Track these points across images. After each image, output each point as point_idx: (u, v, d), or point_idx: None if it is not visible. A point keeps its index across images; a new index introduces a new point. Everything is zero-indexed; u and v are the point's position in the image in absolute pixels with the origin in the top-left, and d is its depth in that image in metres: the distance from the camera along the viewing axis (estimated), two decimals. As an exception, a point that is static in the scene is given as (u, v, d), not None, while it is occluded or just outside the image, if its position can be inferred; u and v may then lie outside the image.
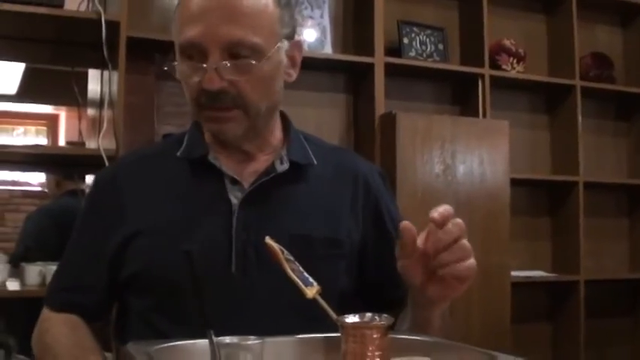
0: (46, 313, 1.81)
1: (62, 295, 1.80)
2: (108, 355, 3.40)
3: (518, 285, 4.53)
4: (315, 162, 1.79)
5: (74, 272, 1.80)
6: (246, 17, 1.60)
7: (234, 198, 1.68)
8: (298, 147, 1.80)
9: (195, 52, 1.61)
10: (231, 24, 1.59)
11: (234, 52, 1.60)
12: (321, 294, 1.30)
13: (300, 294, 1.28)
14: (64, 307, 1.77)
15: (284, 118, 1.86)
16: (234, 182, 1.70)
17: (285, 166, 1.73)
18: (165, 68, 1.69)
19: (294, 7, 1.76)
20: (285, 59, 1.73)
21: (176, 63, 1.66)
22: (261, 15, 1.63)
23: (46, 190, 5.52)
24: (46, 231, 4.25)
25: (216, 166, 1.71)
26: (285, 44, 1.71)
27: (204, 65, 1.59)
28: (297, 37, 1.77)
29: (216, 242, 1.65)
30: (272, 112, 1.76)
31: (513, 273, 4.50)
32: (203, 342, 1.18)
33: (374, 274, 1.83)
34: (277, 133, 1.82)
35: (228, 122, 1.66)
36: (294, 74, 1.78)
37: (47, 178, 5.35)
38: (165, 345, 1.27)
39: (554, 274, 4.98)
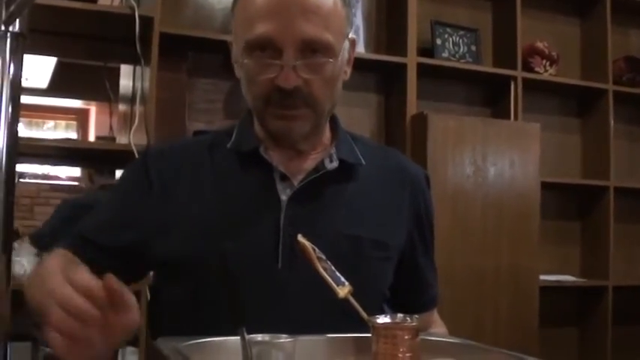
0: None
1: (71, 241, 1.74)
2: (133, 349, 3.42)
3: (547, 289, 4.50)
4: (364, 162, 1.77)
5: (92, 225, 1.75)
6: (321, 15, 1.59)
7: (283, 194, 1.67)
8: (347, 146, 1.78)
9: (267, 48, 1.58)
10: (307, 21, 1.56)
11: (308, 50, 1.58)
12: (368, 294, 1.30)
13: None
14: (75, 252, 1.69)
15: (332, 116, 1.83)
16: (283, 178, 1.68)
17: (335, 164, 1.71)
18: (236, 62, 1.67)
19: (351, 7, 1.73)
20: (346, 57, 1.72)
21: (241, 59, 1.63)
22: (333, 13, 1.62)
23: (82, 185, 5.54)
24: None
25: (266, 160, 1.68)
26: (346, 43, 1.70)
27: (279, 62, 1.57)
28: (352, 36, 1.75)
29: (264, 238, 1.63)
30: (332, 110, 1.75)
31: (542, 277, 4.47)
32: (234, 339, 1.18)
33: (408, 276, 1.84)
34: (327, 132, 1.81)
35: (296, 121, 1.64)
36: (349, 72, 1.77)
37: (82, 173, 5.37)
38: (196, 341, 1.27)
39: (582, 279, 4.95)
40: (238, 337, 1.16)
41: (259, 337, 1.15)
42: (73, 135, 8.26)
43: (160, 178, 1.73)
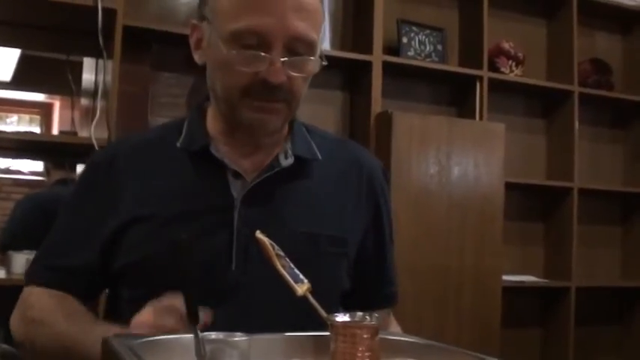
0: (27, 290, 1.74)
1: (49, 273, 1.71)
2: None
3: (509, 289, 4.51)
4: (320, 157, 1.75)
5: (63, 252, 1.72)
6: (310, 13, 1.57)
7: (236, 192, 1.63)
8: (302, 141, 1.76)
9: (255, 41, 1.53)
10: (299, 18, 1.54)
11: (293, 46, 1.55)
12: (326, 293, 1.27)
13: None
14: (51, 286, 1.70)
15: None
16: (237, 175, 1.65)
17: (290, 160, 1.68)
18: (206, 48, 1.63)
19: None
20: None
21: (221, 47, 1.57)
22: (318, 12, 1.61)
23: (44, 179, 5.51)
24: (34, 219, 4.20)
25: (217, 158, 1.65)
26: None
27: (268, 56, 1.53)
28: None
29: (217, 238, 1.60)
30: None
31: (505, 277, 4.47)
32: (188, 337, 1.16)
33: (367, 271, 1.82)
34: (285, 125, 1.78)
35: (272, 114, 1.61)
36: None
37: (45, 167, 5.33)
38: (149, 339, 1.24)
39: (545, 280, 4.96)
40: (192, 335, 1.14)
41: (213, 335, 1.13)
42: (36, 129, 8.18)
43: (110, 185, 1.69)
